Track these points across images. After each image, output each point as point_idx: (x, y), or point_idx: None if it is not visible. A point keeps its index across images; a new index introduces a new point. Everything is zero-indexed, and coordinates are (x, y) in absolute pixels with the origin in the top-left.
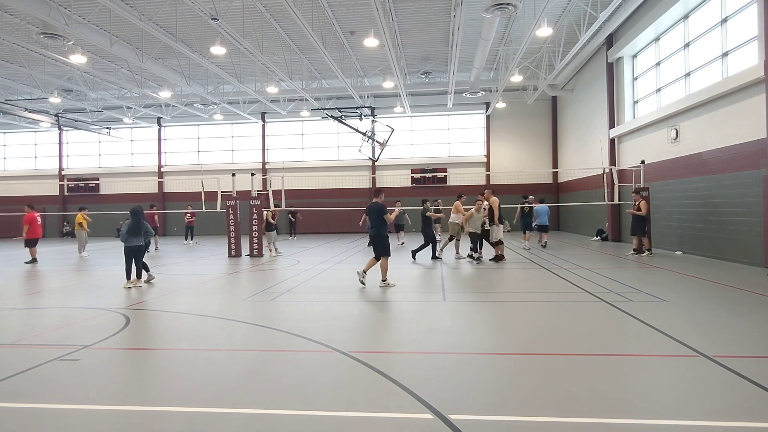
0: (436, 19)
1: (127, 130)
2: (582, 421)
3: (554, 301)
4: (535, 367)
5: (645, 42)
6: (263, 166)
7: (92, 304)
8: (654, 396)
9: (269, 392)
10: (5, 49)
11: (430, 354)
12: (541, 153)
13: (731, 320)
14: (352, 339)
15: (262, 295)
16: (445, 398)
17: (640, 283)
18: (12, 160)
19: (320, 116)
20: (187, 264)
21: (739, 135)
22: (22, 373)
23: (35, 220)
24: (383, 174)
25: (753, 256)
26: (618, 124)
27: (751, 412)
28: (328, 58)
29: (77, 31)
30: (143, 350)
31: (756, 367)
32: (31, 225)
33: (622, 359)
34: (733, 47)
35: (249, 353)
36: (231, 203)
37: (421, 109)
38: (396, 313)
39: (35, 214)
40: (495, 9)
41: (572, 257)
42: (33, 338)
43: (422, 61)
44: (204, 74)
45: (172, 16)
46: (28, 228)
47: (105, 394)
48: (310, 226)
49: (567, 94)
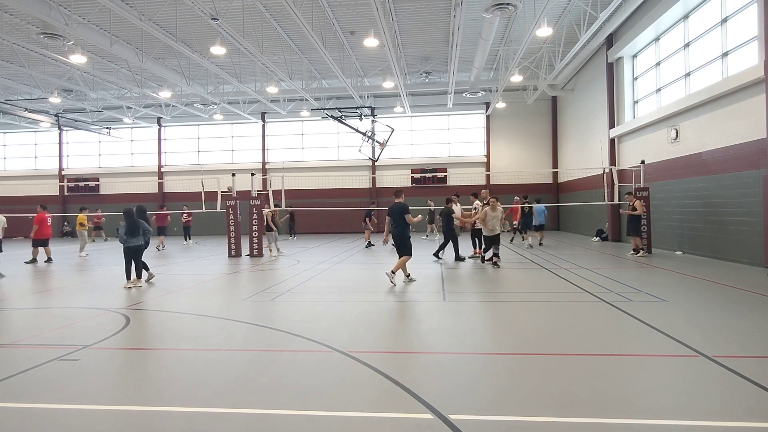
0: (436, 19)
1: (127, 130)
2: (582, 421)
3: (554, 301)
4: (535, 367)
5: (645, 42)
6: (263, 166)
7: (92, 304)
8: (654, 396)
9: (269, 392)
10: (5, 49)
11: (430, 354)
12: (541, 153)
13: (731, 320)
14: (352, 339)
15: (262, 295)
16: (445, 398)
17: (640, 283)
18: (12, 160)
19: (320, 116)
20: (187, 264)
21: (739, 135)
22: (22, 373)
23: (45, 220)
24: (383, 174)
25: (753, 256)
26: (618, 124)
27: (751, 412)
28: (328, 58)
29: (77, 31)
30: (143, 350)
31: (756, 367)
32: (40, 225)
33: (622, 359)
34: (733, 47)
35: (249, 353)
36: (231, 203)
37: (421, 109)
38: (396, 313)
39: (46, 215)
40: (495, 9)
41: (572, 257)
42: (33, 338)
43: (422, 61)
44: (204, 74)
45: (172, 16)
46: (37, 228)
47: (105, 394)
48: (310, 226)
49: (567, 94)
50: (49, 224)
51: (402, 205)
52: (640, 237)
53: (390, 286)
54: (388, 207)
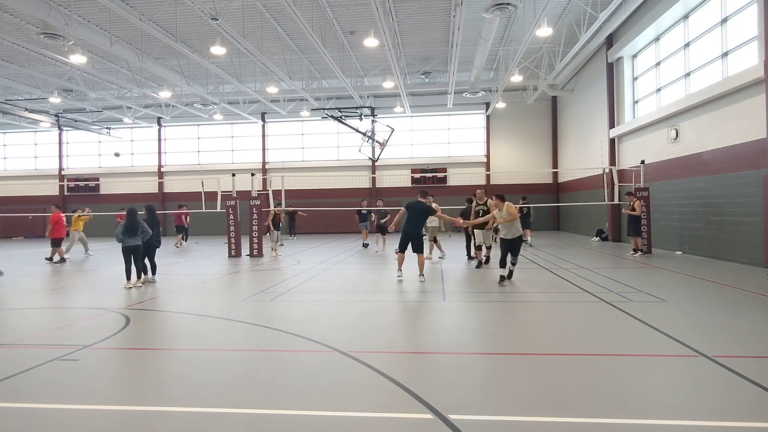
0: (436, 19)
1: (127, 130)
2: (582, 421)
3: (554, 301)
4: (535, 367)
5: (645, 42)
6: (263, 166)
7: (92, 304)
8: (654, 396)
9: (269, 392)
10: (5, 49)
11: (430, 354)
12: (541, 153)
13: (731, 320)
14: (352, 339)
15: (262, 295)
16: (445, 398)
17: (640, 283)
18: (12, 160)
19: (320, 116)
20: (187, 264)
21: (739, 135)
22: (22, 373)
23: (61, 220)
24: (383, 174)
25: (753, 256)
26: (618, 124)
27: (751, 412)
28: (328, 58)
29: (77, 31)
30: (143, 350)
31: (756, 367)
32: (56, 225)
33: (622, 359)
34: (733, 47)
35: (249, 353)
36: (231, 203)
37: (421, 109)
38: (396, 313)
39: (60, 214)
40: (495, 9)
41: (572, 257)
42: (33, 338)
43: (422, 61)
44: (204, 74)
45: (172, 16)
46: (52, 227)
47: (105, 394)
48: (310, 226)
49: (567, 94)
50: (65, 224)
51: (426, 205)
52: (640, 237)
53: (398, 284)
54: (408, 203)
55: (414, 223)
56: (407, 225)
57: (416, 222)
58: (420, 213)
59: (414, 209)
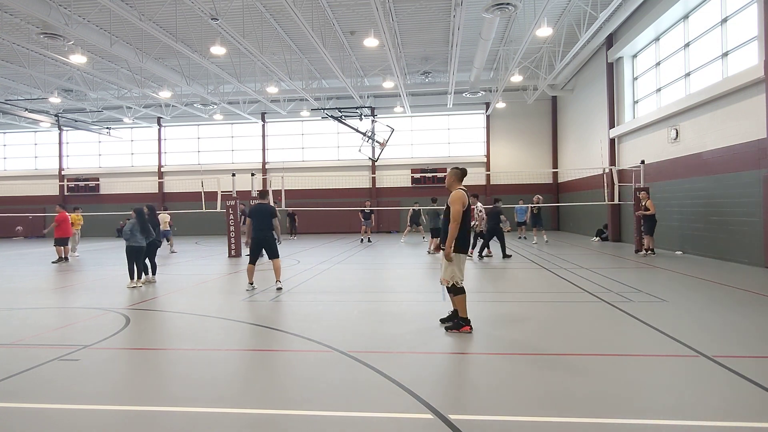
0: (436, 19)
1: (127, 130)
2: (582, 421)
3: (554, 301)
4: (535, 367)
5: (645, 42)
6: (263, 166)
7: (92, 304)
8: (654, 396)
9: (269, 392)
10: (5, 49)
11: (430, 354)
12: (541, 153)
13: (731, 320)
14: (352, 339)
15: (262, 295)
16: (445, 398)
17: (640, 283)
18: (12, 160)
19: (320, 116)
20: (187, 264)
21: (739, 135)
22: (22, 373)
23: (67, 219)
24: (383, 174)
25: (753, 256)
26: (618, 124)
27: (752, 412)
28: (328, 58)
29: (77, 31)
30: (143, 350)
31: (756, 367)
32: (62, 224)
33: (622, 359)
34: (733, 47)
35: (249, 353)
36: (231, 203)
37: (421, 109)
38: (396, 313)
39: (66, 214)
40: (495, 9)
41: (572, 257)
42: (33, 338)
43: (422, 61)
44: (204, 74)
45: (172, 16)
46: (58, 226)
47: (105, 394)
48: (310, 226)
49: (567, 94)
50: (71, 223)
51: (270, 207)
52: (651, 236)
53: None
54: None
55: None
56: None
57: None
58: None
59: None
